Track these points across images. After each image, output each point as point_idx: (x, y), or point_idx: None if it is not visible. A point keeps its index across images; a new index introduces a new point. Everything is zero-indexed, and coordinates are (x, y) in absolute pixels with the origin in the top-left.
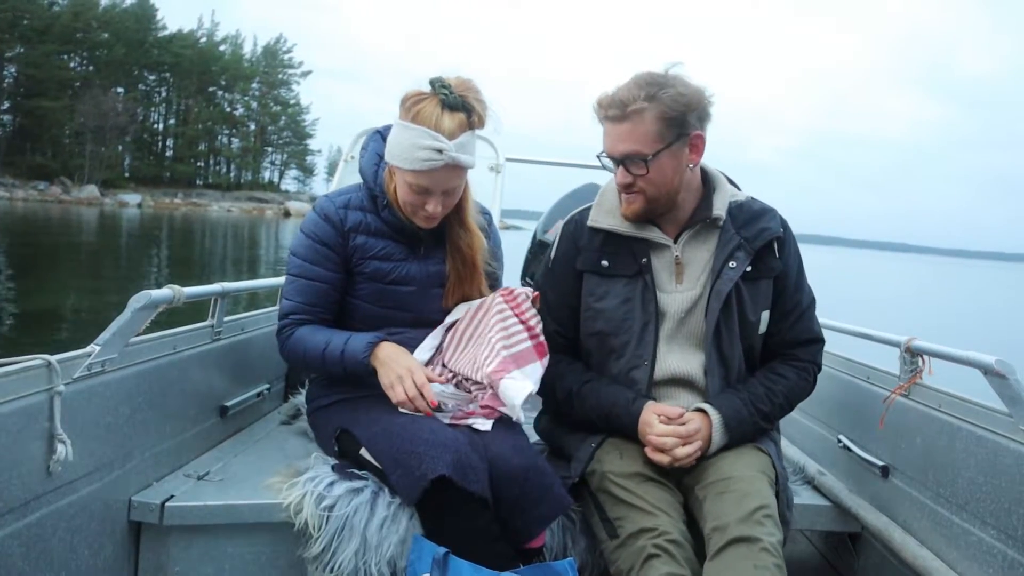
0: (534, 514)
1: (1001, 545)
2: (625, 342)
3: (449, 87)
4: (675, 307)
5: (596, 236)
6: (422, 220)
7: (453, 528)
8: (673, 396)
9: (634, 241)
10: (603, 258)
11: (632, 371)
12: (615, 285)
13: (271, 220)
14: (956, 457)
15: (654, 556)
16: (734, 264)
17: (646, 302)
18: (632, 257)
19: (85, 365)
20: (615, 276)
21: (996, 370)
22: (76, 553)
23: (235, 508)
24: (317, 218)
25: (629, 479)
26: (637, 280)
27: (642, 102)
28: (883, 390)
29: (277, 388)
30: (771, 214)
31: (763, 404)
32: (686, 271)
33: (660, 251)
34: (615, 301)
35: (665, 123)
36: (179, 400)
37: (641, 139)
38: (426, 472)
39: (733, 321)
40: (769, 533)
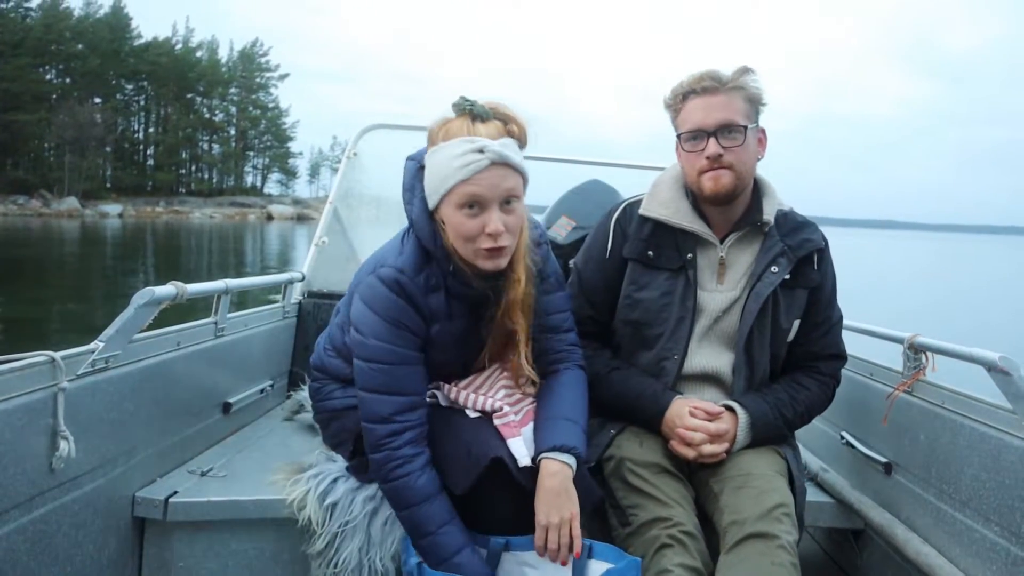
0: None
1: (1004, 542)
2: (659, 334)
3: (474, 102)
4: (713, 306)
5: (645, 225)
6: (486, 258)
7: (494, 516)
8: (699, 392)
9: (681, 235)
10: (649, 248)
11: (662, 362)
12: (658, 277)
13: (254, 224)
14: (959, 454)
15: (667, 546)
16: (776, 269)
17: (686, 298)
18: (677, 252)
19: (89, 361)
20: (659, 268)
21: (1000, 367)
22: (80, 549)
23: (239, 504)
24: (395, 299)
25: (646, 468)
26: (680, 275)
27: (737, 80)
28: (886, 387)
29: (280, 384)
30: (813, 227)
31: (787, 410)
32: (728, 272)
33: (706, 248)
34: (656, 293)
35: (751, 105)
36: (183, 396)
37: (737, 111)
38: (480, 457)
39: (766, 325)
40: (787, 531)
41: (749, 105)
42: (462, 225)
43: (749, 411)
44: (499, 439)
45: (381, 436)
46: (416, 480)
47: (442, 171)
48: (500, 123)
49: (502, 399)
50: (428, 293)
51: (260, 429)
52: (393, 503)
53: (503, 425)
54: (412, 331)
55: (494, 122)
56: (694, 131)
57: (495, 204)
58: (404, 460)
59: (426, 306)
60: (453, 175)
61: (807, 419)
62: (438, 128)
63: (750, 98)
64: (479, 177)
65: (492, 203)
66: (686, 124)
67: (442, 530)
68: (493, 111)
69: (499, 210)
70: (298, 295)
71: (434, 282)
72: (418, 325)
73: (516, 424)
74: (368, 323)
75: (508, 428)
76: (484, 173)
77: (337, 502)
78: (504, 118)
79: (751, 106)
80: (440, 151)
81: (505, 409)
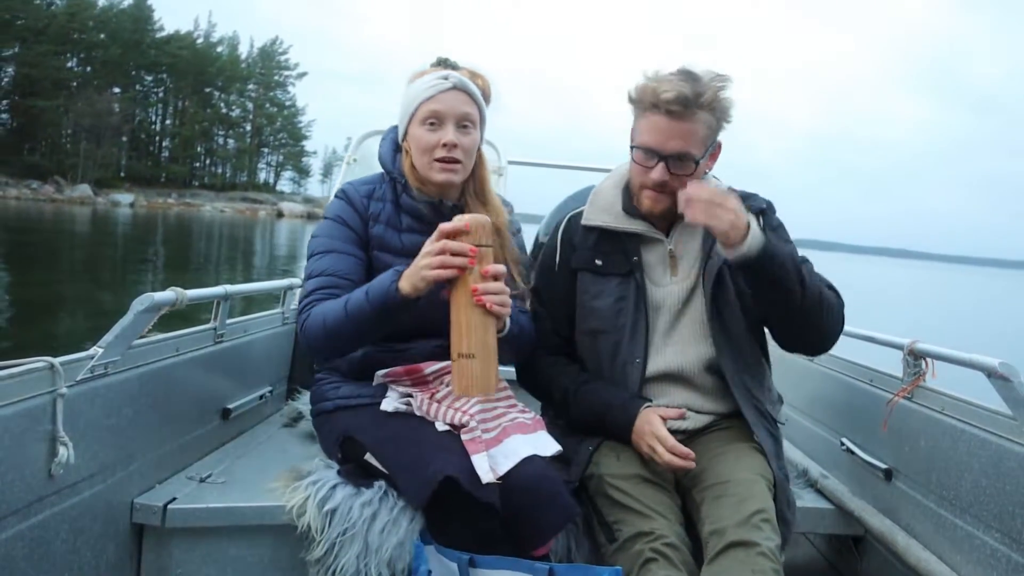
0: (543, 522)
1: (1005, 548)
2: (617, 340)
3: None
4: (671, 300)
5: (590, 235)
6: (440, 171)
7: (460, 532)
8: (666, 393)
9: (627, 238)
10: (597, 256)
11: (625, 367)
12: (608, 284)
13: (264, 220)
14: (959, 460)
15: (651, 560)
16: None
17: (638, 300)
18: (624, 256)
19: (88, 367)
20: (608, 275)
21: (999, 372)
22: (78, 555)
23: (237, 511)
24: (339, 201)
25: (626, 481)
26: (629, 279)
27: (704, 107)
28: (886, 393)
29: (279, 391)
30: (753, 196)
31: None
32: (680, 263)
33: (653, 245)
34: (609, 300)
35: (711, 130)
36: (182, 402)
37: (694, 140)
38: (435, 474)
39: (730, 300)
40: (767, 538)
41: (709, 128)
42: (422, 138)
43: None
44: (463, 456)
45: (301, 306)
46: (318, 307)
47: (411, 96)
48: (468, 73)
49: (476, 413)
50: (371, 198)
51: (259, 435)
52: (317, 334)
53: (469, 441)
54: (348, 226)
55: (463, 71)
56: (647, 149)
57: (452, 121)
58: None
59: (364, 207)
60: (419, 96)
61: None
62: (414, 75)
63: (711, 123)
64: (440, 96)
65: (449, 120)
66: (642, 136)
67: (351, 295)
68: (468, 72)
69: (455, 127)
70: (298, 300)
71: (380, 192)
72: (355, 221)
73: (482, 442)
74: (318, 227)
75: (473, 444)
76: (445, 94)
77: (336, 508)
78: (472, 72)
79: (713, 128)
80: (413, 84)
81: (472, 424)
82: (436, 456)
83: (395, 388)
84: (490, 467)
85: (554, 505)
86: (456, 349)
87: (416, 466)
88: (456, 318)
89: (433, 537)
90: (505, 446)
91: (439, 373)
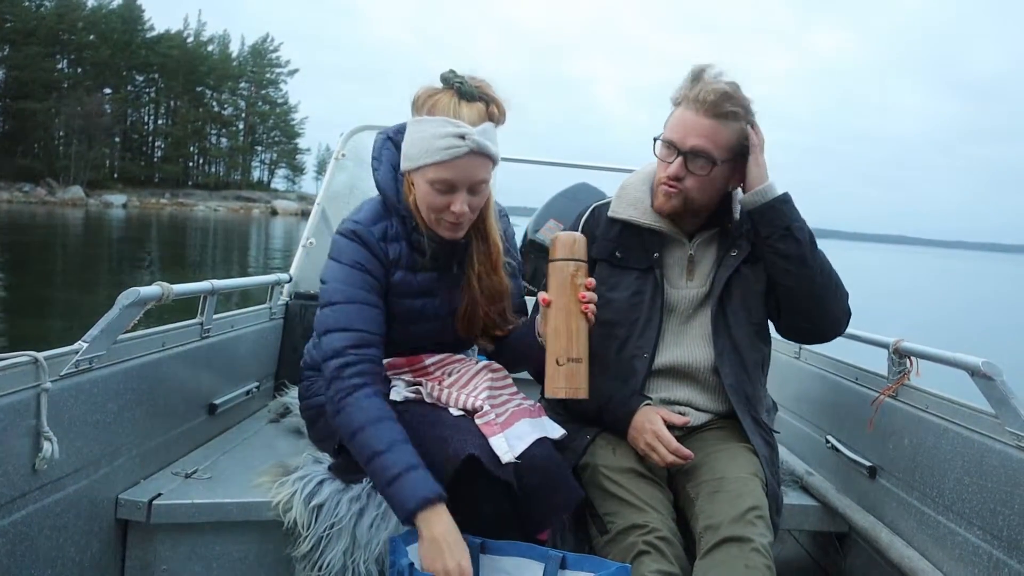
0: (551, 503)
1: (986, 545)
2: (628, 334)
3: (463, 79)
4: (684, 303)
5: (613, 227)
6: (447, 229)
7: (472, 515)
8: (668, 388)
9: (649, 234)
10: (618, 249)
11: (633, 360)
12: (626, 277)
13: (258, 219)
14: (943, 458)
15: (644, 553)
16: (735, 252)
17: (655, 297)
18: (645, 252)
19: (72, 362)
20: (627, 268)
21: (983, 372)
22: (62, 551)
23: (223, 506)
24: (354, 245)
25: (621, 474)
26: (648, 275)
27: (737, 110)
28: (871, 391)
29: (266, 386)
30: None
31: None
32: (697, 268)
33: (673, 247)
34: (625, 293)
35: (739, 141)
36: (167, 398)
37: (718, 142)
38: (457, 452)
39: (736, 305)
40: (761, 534)
41: (737, 140)
42: (430, 197)
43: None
44: (480, 437)
45: (332, 369)
46: (363, 400)
47: (422, 145)
48: (483, 104)
49: (485, 399)
50: (386, 241)
51: (246, 431)
52: (344, 432)
53: (484, 424)
54: (371, 273)
55: (478, 104)
56: (668, 142)
57: (464, 188)
58: (353, 388)
59: (383, 252)
60: (431, 154)
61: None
62: (424, 98)
63: (741, 133)
64: (455, 163)
65: (462, 188)
66: (668, 130)
67: (394, 448)
68: (478, 90)
69: (467, 192)
70: (285, 296)
71: (393, 232)
72: (376, 268)
73: (497, 424)
74: (330, 272)
75: (489, 427)
76: (460, 160)
77: (323, 504)
78: (487, 99)
79: (738, 141)
80: (423, 125)
81: (486, 409)
82: (455, 437)
83: (399, 378)
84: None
85: (562, 486)
86: (565, 354)
87: (435, 448)
88: (565, 325)
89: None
90: (516, 428)
91: (440, 364)
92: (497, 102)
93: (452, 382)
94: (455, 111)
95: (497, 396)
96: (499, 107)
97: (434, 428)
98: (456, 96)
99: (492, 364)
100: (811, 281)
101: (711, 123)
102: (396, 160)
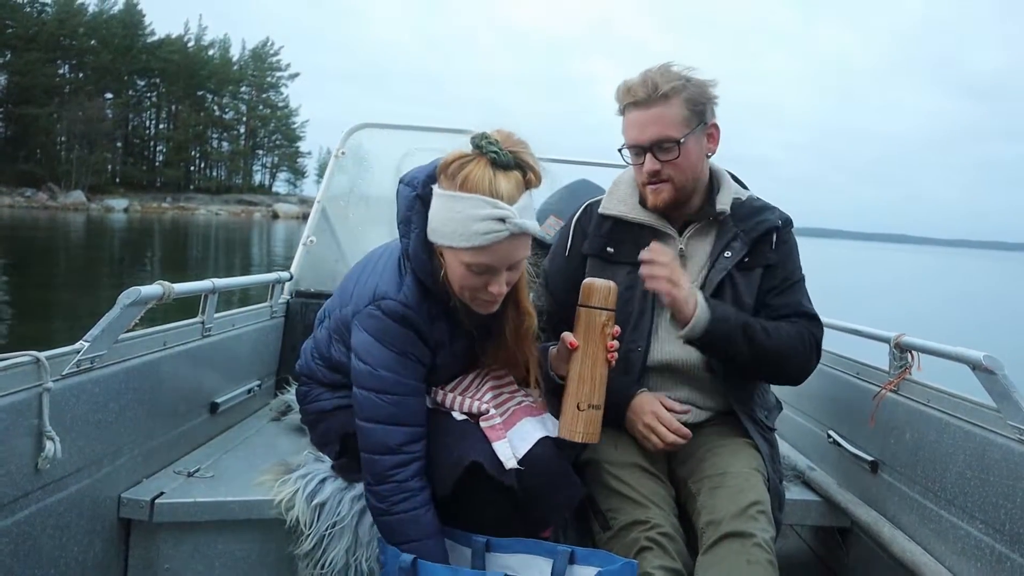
0: (553, 502)
1: (988, 539)
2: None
3: (497, 143)
4: None
5: (605, 223)
6: (482, 306)
7: (477, 516)
8: (667, 385)
9: (639, 229)
10: (609, 244)
11: (628, 354)
12: (618, 272)
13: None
14: (945, 452)
15: (646, 549)
16: (729, 254)
17: (646, 292)
18: (635, 246)
19: (74, 362)
20: (619, 263)
21: (984, 365)
22: (65, 550)
23: (225, 505)
24: (404, 331)
25: (623, 469)
26: (639, 269)
27: (670, 85)
28: (873, 386)
29: (267, 385)
30: (772, 210)
31: (753, 323)
32: (689, 263)
33: (664, 242)
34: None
35: (691, 109)
36: (169, 397)
37: (671, 123)
38: (460, 459)
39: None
40: (763, 529)
41: (689, 110)
42: (465, 279)
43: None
44: (484, 442)
45: (387, 467)
46: (425, 515)
47: (455, 227)
48: (520, 173)
49: (489, 400)
50: (432, 323)
51: (247, 429)
52: (391, 533)
53: (489, 428)
54: (420, 361)
55: (515, 173)
56: (632, 146)
57: (503, 270)
58: (412, 493)
59: (431, 336)
60: (469, 238)
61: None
62: (456, 167)
63: (690, 100)
64: (495, 248)
65: (500, 270)
66: (626, 136)
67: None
68: (514, 156)
69: (505, 272)
70: (286, 295)
71: (435, 312)
72: (425, 355)
73: (501, 427)
74: (376, 355)
75: (494, 431)
76: (501, 245)
77: (325, 502)
78: (524, 166)
79: (692, 109)
80: (458, 202)
81: (491, 411)
82: (459, 443)
83: None
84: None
85: (563, 484)
86: (587, 400)
87: (440, 454)
88: (591, 372)
89: (444, 522)
90: (520, 428)
91: None
92: (535, 169)
93: (455, 386)
94: (491, 187)
95: (500, 395)
96: (536, 173)
97: (439, 435)
98: (491, 167)
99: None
100: (756, 369)
101: (656, 111)
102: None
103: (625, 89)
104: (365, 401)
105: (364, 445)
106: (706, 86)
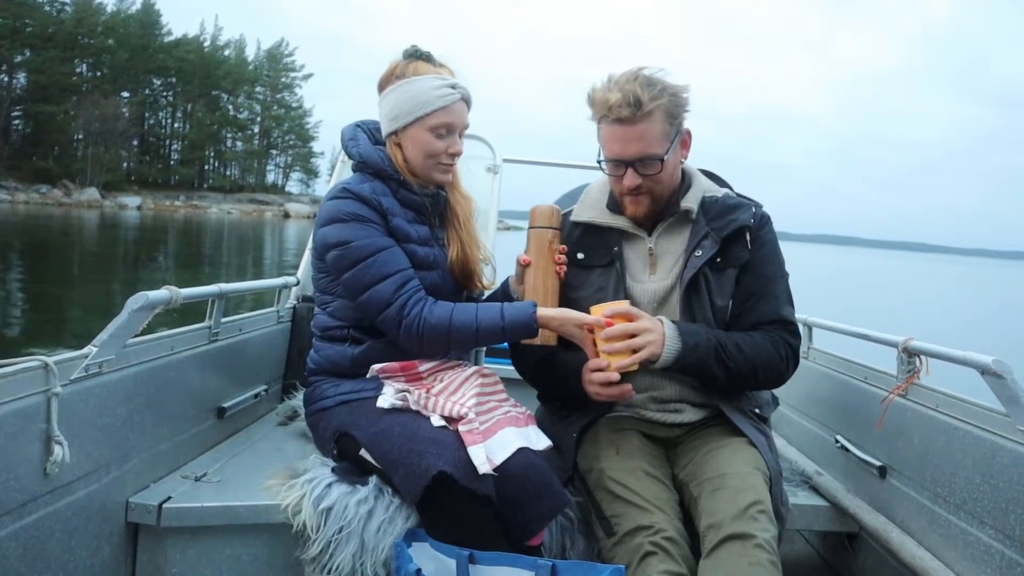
0: (534, 511)
1: (999, 545)
2: None
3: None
4: (647, 297)
5: (576, 230)
6: (442, 172)
7: (455, 527)
8: (657, 384)
9: (609, 232)
10: (580, 250)
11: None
12: (590, 276)
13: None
14: (953, 457)
15: (651, 554)
16: (699, 252)
17: (617, 291)
18: (606, 249)
19: (82, 367)
20: (590, 267)
21: (993, 370)
22: (73, 555)
23: (233, 509)
24: (352, 201)
25: (626, 475)
26: (610, 270)
27: (653, 102)
28: (881, 390)
29: (274, 389)
30: (746, 207)
31: (725, 342)
32: (659, 262)
33: (634, 242)
34: (590, 291)
35: (669, 121)
36: (176, 401)
37: (654, 140)
38: (428, 468)
39: (704, 308)
40: (763, 529)
41: (669, 122)
42: (430, 144)
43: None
44: (458, 449)
45: (394, 314)
46: (435, 309)
47: (417, 99)
48: (448, 70)
49: (471, 407)
50: (377, 196)
51: (254, 434)
52: (440, 339)
53: (466, 432)
54: (374, 222)
55: (446, 68)
56: (613, 160)
57: (458, 131)
58: (419, 312)
59: (378, 204)
60: (433, 103)
61: (749, 365)
62: (403, 66)
63: (668, 113)
64: (452, 108)
65: (456, 130)
66: (605, 149)
67: (481, 310)
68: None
69: (459, 134)
70: (292, 300)
71: (380, 189)
72: (376, 216)
73: (479, 433)
74: (338, 232)
75: (470, 435)
76: (455, 106)
77: (332, 507)
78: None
79: (671, 122)
80: (413, 84)
81: (470, 417)
82: (429, 451)
83: (391, 384)
84: (486, 458)
85: (545, 494)
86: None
87: (409, 461)
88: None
89: (429, 533)
90: (499, 437)
91: (433, 370)
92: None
93: (441, 389)
94: (435, 70)
95: (484, 403)
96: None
97: (411, 441)
98: (430, 62)
99: (483, 369)
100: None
101: (640, 127)
102: (372, 138)
103: (605, 104)
104: (351, 281)
105: (371, 314)
106: (680, 94)
